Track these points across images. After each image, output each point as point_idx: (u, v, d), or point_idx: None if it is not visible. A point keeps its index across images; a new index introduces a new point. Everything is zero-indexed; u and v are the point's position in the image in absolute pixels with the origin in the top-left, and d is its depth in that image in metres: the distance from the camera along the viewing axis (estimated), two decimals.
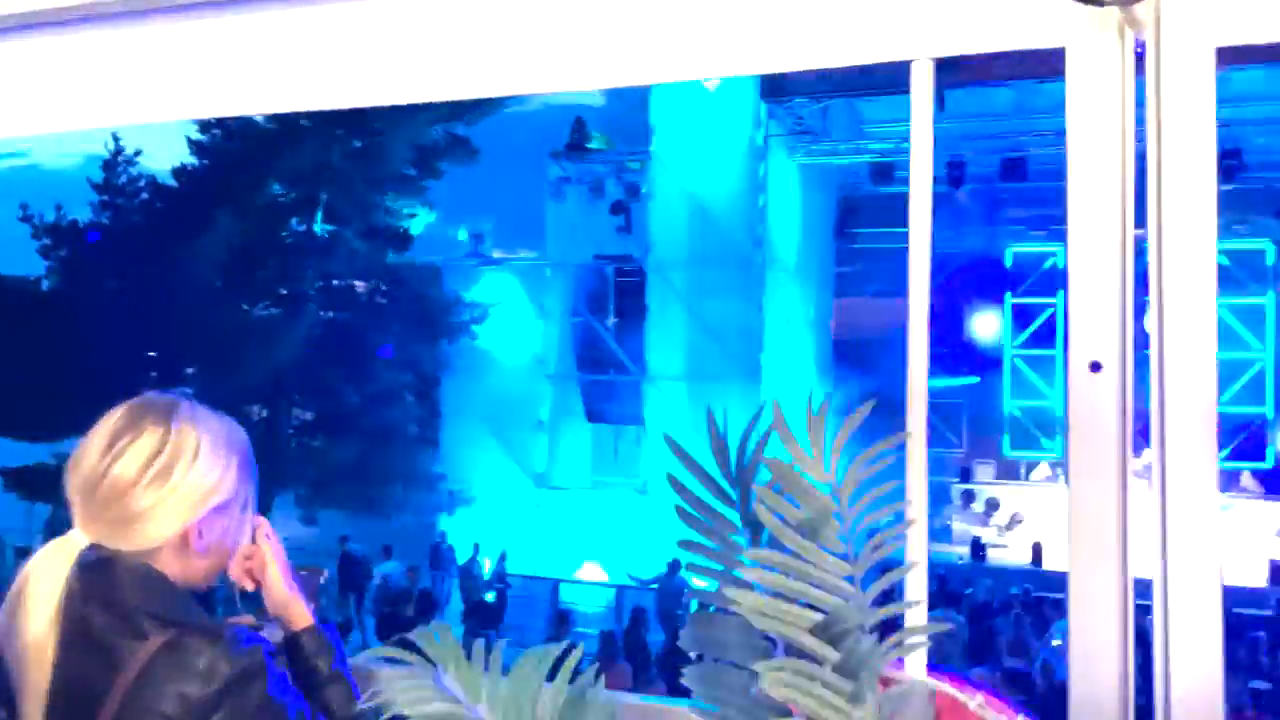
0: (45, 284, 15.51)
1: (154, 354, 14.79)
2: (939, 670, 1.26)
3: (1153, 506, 1.42)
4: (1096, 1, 1.42)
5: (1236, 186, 16.36)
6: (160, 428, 1.43)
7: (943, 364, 19.42)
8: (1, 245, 14.68)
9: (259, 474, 1.52)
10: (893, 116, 16.07)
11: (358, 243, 16.18)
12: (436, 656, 1.02)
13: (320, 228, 16.18)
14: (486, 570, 15.08)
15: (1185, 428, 1.41)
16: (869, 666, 0.95)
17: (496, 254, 17.34)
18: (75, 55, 1.91)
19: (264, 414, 16.23)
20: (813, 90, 14.44)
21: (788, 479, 1.01)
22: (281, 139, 15.04)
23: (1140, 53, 1.46)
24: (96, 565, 1.40)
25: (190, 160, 15.56)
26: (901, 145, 15.81)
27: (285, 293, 15.84)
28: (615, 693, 1.38)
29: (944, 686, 1.25)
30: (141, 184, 15.71)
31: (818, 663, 0.95)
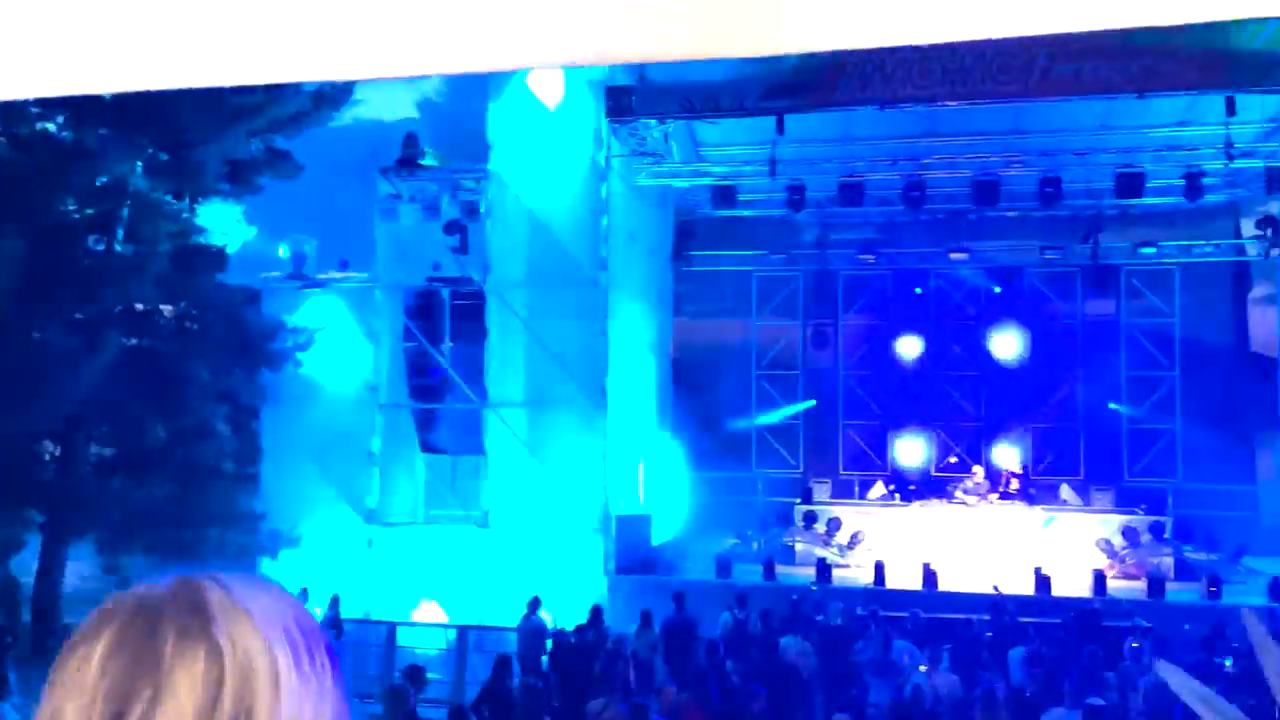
0: None
1: None
2: None
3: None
4: None
5: (1051, 213, 17.22)
6: (197, 658, 0.78)
7: (780, 387, 19.65)
8: None
9: (51, 519, 0.89)
10: (731, 140, 16.10)
11: (165, 263, 14.88)
12: None
13: (121, 247, 14.80)
14: (317, 616, 14.01)
15: None
16: None
17: (322, 275, 16.31)
18: None
19: (57, 452, 14.71)
20: (654, 111, 14.21)
21: None
22: (77, 150, 13.72)
23: None
24: None
25: None
26: (743, 169, 16.00)
27: (82, 318, 14.37)
28: None
29: None
30: None
31: None
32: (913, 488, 18.06)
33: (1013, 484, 17.48)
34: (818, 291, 19.15)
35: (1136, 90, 12.65)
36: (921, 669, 9.72)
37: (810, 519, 16.62)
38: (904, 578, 14.80)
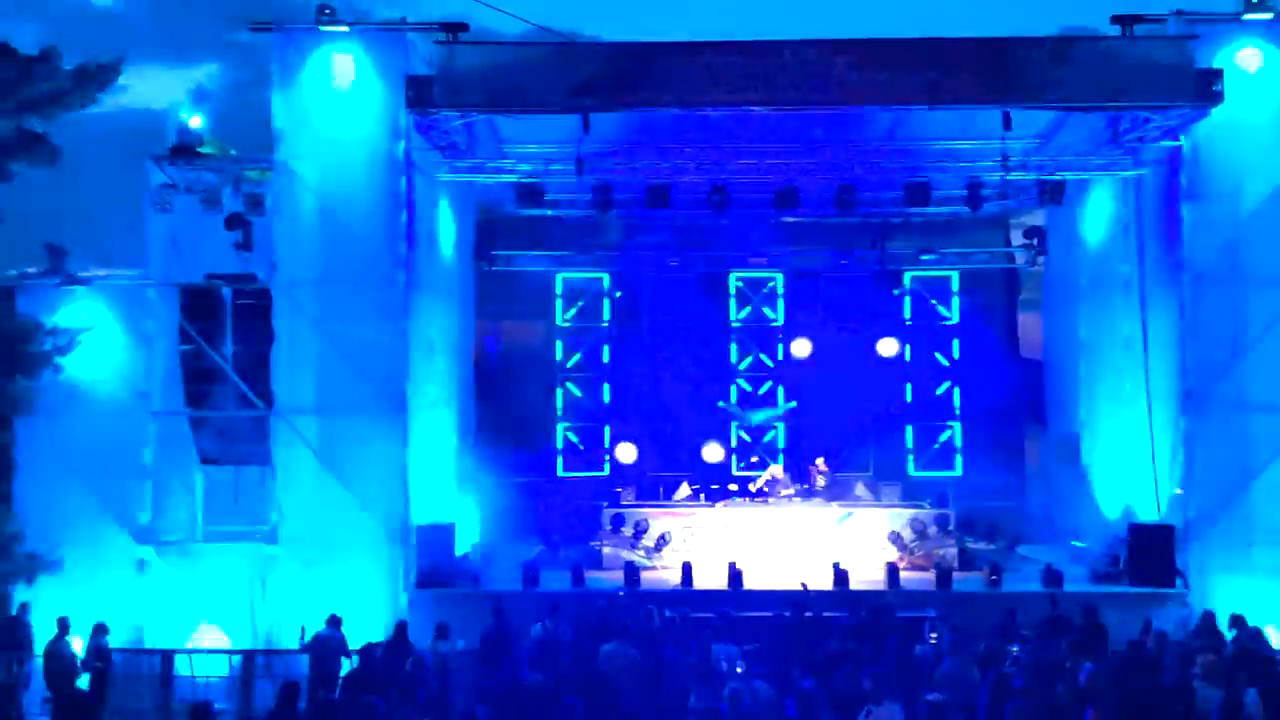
0: None
1: None
2: None
3: None
4: None
5: (845, 219, 17.85)
6: None
7: (585, 389, 19.47)
8: None
9: None
10: (537, 137, 15.76)
11: None
12: None
13: None
14: (79, 649, 12.72)
15: None
16: None
17: (85, 273, 14.84)
18: None
19: None
20: (457, 103, 13.68)
21: None
22: None
23: None
24: None
25: None
26: (550, 167, 15.67)
27: None
28: None
29: None
30: None
31: None
32: (715, 487, 18.31)
33: (820, 481, 18.00)
34: (623, 294, 19.11)
35: (928, 102, 13.19)
36: (739, 670, 9.70)
37: (618, 522, 16.51)
38: (711, 578, 14.90)
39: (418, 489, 14.59)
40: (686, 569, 14.87)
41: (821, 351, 19.75)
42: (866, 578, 15.11)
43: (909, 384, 20.26)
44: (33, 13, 20.82)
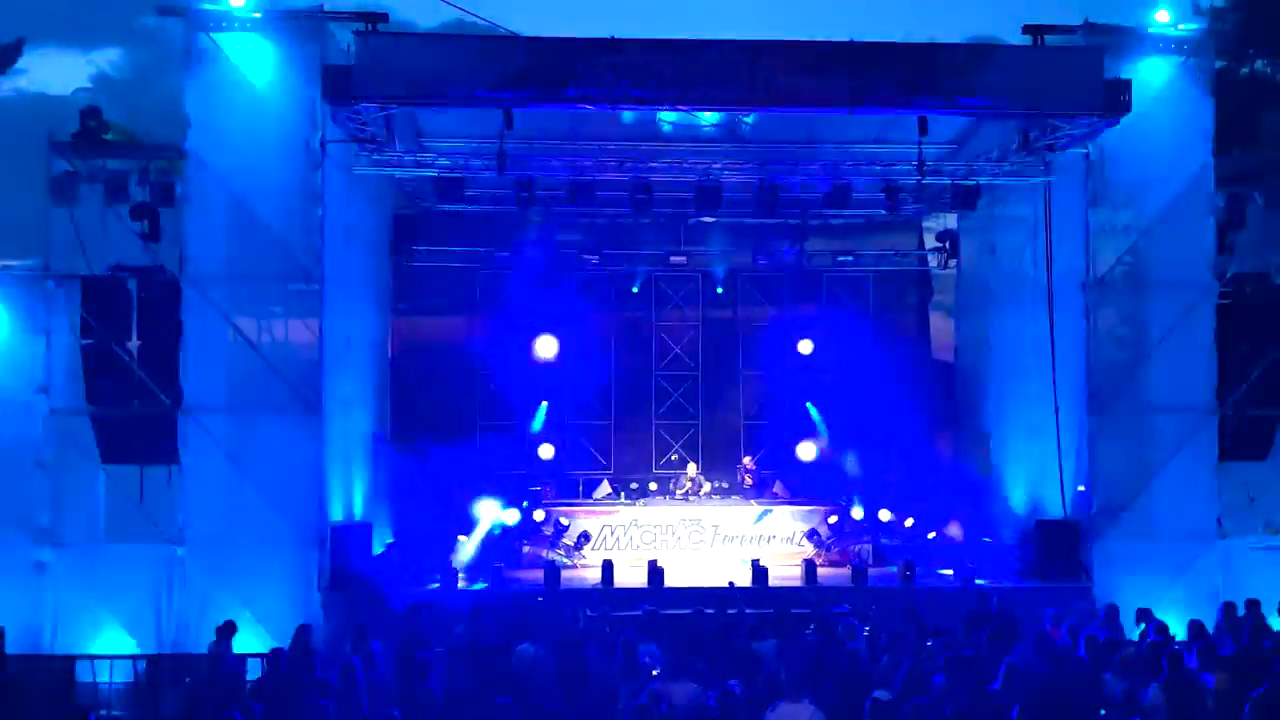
0: None
1: None
2: None
3: None
4: None
5: (764, 220, 17.98)
6: None
7: (506, 387, 19.27)
8: None
9: None
10: (458, 131, 15.54)
11: None
12: None
13: None
14: None
15: None
16: None
17: None
18: None
19: None
20: (376, 94, 13.37)
21: None
22: None
23: None
24: None
25: None
26: (471, 161, 15.44)
27: None
28: None
29: None
30: None
31: None
32: (634, 486, 18.31)
33: (747, 480, 18.14)
34: (543, 291, 18.97)
35: (849, 105, 13.32)
36: (654, 673, 9.69)
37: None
38: (631, 576, 14.89)
39: (333, 489, 14.28)
40: (607, 567, 14.83)
41: (741, 351, 19.93)
42: (784, 575, 15.28)
43: (826, 382, 20.50)
44: None
